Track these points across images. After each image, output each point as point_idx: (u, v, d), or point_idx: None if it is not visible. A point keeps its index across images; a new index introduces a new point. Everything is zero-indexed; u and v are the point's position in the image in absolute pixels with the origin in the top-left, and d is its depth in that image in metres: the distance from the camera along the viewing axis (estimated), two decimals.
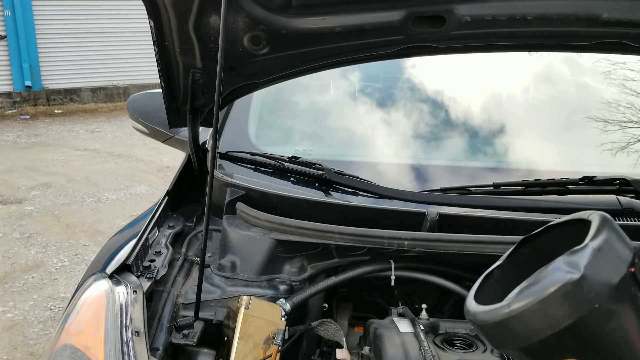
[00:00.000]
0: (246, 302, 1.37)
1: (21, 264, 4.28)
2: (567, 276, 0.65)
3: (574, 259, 0.66)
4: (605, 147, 1.99)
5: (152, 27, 1.35)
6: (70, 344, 1.20)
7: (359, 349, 1.47)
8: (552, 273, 0.67)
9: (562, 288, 0.65)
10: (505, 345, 0.73)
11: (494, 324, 0.71)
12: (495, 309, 0.70)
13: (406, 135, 2.07)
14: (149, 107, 2.47)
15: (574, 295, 0.65)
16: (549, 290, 0.66)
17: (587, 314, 0.66)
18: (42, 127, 8.86)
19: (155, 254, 1.57)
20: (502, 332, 0.71)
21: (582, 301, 0.66)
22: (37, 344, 3.32)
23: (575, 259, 0.66)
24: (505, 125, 2.07)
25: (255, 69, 1.46)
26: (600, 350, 0.70)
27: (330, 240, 1.52)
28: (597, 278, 0.66)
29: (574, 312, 0.66)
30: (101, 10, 10.37)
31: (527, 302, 0.67)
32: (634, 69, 2.25)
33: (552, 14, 1.29)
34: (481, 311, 0.73)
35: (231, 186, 1.73)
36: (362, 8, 1.29)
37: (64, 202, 5.57)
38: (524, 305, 0.67)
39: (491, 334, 0.73)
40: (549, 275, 0.67)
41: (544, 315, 0.66)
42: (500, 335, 0.72)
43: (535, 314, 0.67)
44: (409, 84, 2.26)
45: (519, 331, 0.69)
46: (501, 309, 0.70)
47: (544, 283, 0.66)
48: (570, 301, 0.65)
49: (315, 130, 2.19)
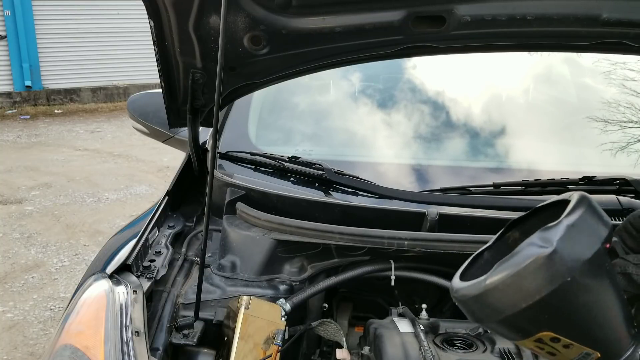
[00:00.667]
0: (246, 302, 1.37)
1: (21, 264, 4.28)
2: (540, 250, 0.68)
3: (548, 235, 0.69)
4: (605, 147, 1.99)
5: (152, 27, 1.35)
6: (70, 344, 1.20)
7: (359, 349, 1.47)
8: (526, 247, 0.70)
9: (534, 261, 0.68)
10: (483, 319, 0.76)
11: (472, 298, 0.74)
12: (474, 283, 0.74)
13: (406, 135, 2.07)
14: (149, 107, 2.47)
15: (546, 269, 0.68)
16: (522, 264, 0.68)
17: (559, 287, 0.68)
18: (42, 127, 8.86)
19: (155, 254, 1.57)
20: (480, 306, 0.74)
21: (553, 274, 0.68)
22: (37, 344, 3.32)
23: (548, 235, 0.69)
24: (505, 126, 2.07)
25: (255, 69, 1.46)
26: (575, 323, 0.72)
27: (330, 240, 1.52)
28: (569, 252, 0.68)
29: (546, 285, 0.68)
30: (101, 10, 10.37)
31: (502, 276, 0.70)
32: (634, 69, 2.25)
33: (552, 14, 1.29)
34: (462, 287, 0.76)
35: (231, 186, 1.73)
36: (362, 8, 1.29)
37: (64, 202, 5.57)
38: (499, 278, 0.70)
39: (470, 308, 0.76)
40: (523, 249, 0.70)
41: (518, 288, 0.69)
42: (478, 309, 0.75)
43: (510, 287, 0.70)
44: (409, 84, 2.26)
45: (495, 304, 0.72)
46: (479, 284, 0.73)
47: (518, 257, 0.69)
48: (542, 274, 0.68)
49: (315, 130, 2.19)
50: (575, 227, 0.70)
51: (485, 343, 1.35)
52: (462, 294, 0.76)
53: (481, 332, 1.38)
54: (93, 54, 10.46)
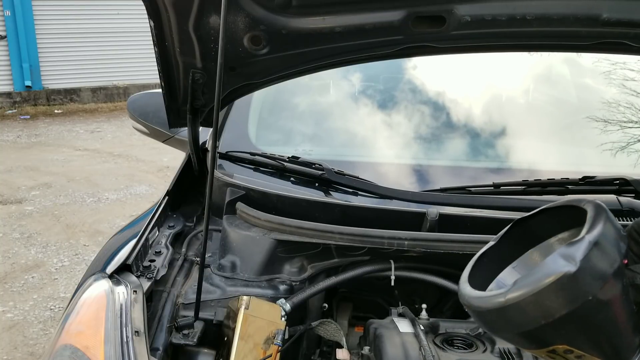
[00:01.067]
0: (246, 302, 1.37)
1: (21, 264, 4.28)
2: (564, 269, 0.66)
3: (571, 252, 0.67)
4: (605, 147, 1.99)
5: (152, 27, 1.35)
6: (70, 344, 1.20)
7: (359, 349, 1.47)
8: (549, 265, 0.68)
9: (558, 281, 0.66)
10: (499, 330, 0.75)
11: (489, 311, 0.72)
12: (491, 296, 0.72)
13: (406, 135, 2.07)
14: (149, 107, 2.47)
15: (569, 288, 0.66)
16: (545, 282, 0.67)
17: (581, 306, 0.67)
18: (42, 127, 8.86)
19: (155, 254, 1.57)
20: (496, 319, 0.72)
21: (577, 294, 0.67)
22: (37, 344, 3.32)
23: (572, 252, 0.67)
24: (505, 126, 2.07)
25: (255, 69, 1.46)
26: (591, 337, 0.72)
27: (330, 240, 1.52)
28: (592, 271, 0.67)
29: (568, 304, 0.67)
30: (101, 10, 10.37)
31: (523, 293, 0.68)
32: (634, 69, 2.25)
33: (552, 14, 1.29)
34: (476, 297, 0.74)
35: (231, 186, 1.73)
36: (362, 8, 1.29)
37: (64, 202, 5.57)
38: (519, 295, 0.68)
39: (485, 319, 0.75)
40: (546, 267, 0.68)
41: (539, 306, 0.68)
42: (494, 321, 0.73)
43: (530, 304, 0.68)
44: (409, 85, 2.26)
45: (514, 319, 0.70)
46: (497, 297, 0.71)
47: (541, 275, 0.67)
48: (565, 293, 0.66)
49: (315, 130, 2.19)
50: (597, 244, 0.68)
51: (485, 343, 1.35)
52: (478, 305, 0.74)
53: (481, 332, 1.38)
54: (93, 54, 10.46)
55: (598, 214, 0.71)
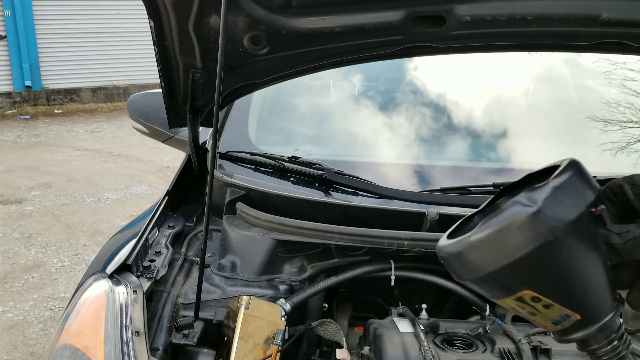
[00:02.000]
0: (246, 302, 1.37)
1: (21, 264, 4.28)
2: (524, 209, 0.69)
3: (533, 194, 0.70)
4: (605, 147, 1.99)
5: (152, 27, 1.35)
6: (70, 344, 1.20)
7: (359, 349, 1.47)
8: (511, 206, 0.70)
9: (518, 219, 0.69)
10: (464, 275, 0.76)
11: (455, 254, 0.75)
12: (457, 240, 0.74)
13: (406, 135, 2.07)
14: (149, 107, 2.47)
15: (529, 227, 0.69)
16: (505, 221, 0.69)
17: (542, 246, 0.69)
18: (42, 127, 8.86)
19: (155, 254, 1.57)
20: (462, 263, 0.75)
21: (536, 233, 0.69)
22: (37, 344, 3.32)
23: (534, 194, 0.70)
24: (505, 126, 2.07)
25: (255, 69, 1.46)
26: (556, 283, 0.73)
27: (330, 240, 1.52)
28: (553, 212, 0.69)
29: (529, 243, 0.69)
30: (101, 10, 10.37)
31: (485, 233, 0.71)
32: (634, 69, 2.25)
33: (552, 14, 1.29)
34: (446, 244, 0.77)
35: (231, 186, 1.73)
36: (362, 8, 1.29)
37: (64, 202, 5.57)
38: (482, 235, 0.71)
39: (453, 265, 0.77)
40: (508, 207, 0.70)
41: (501, 245, 0.70)
42: (460, 266, 0.76)
43: (492, 244, 0.71)
44: (409, 85, 2.26)
45: (477, 261, 0.73)
46: (462, 241, 0.74)
47: (502, 215, 0.70)
48: (525, 232, 0.69)
49: (315, 130, 2.19)
50: (561, 188, 0.70)
51: (485, 343, 1.35)
52: (446, 251, 0.77)
53: (481, 332, 1.38)
54: (93, 54, 10.46)
55: (569, 165, 0.73)
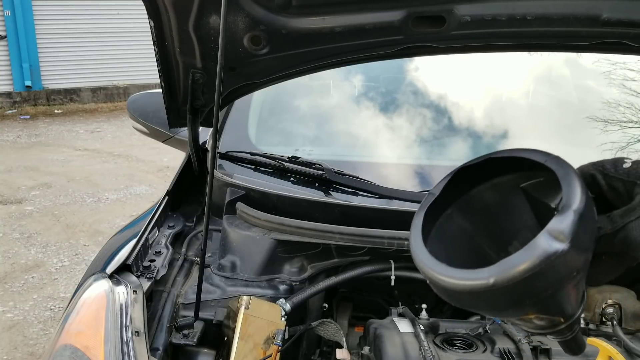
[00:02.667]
0: (246, 302, 1.37)
1: (21, 264, 4.28)
2: (554, 248, 0.62)
3: (560, 228, 0.62)
4: (605, 147, 1.99)
5: (152, 27, 1.35)
6: (70, 344, 1.20)
7: (359, 349, 1.47)
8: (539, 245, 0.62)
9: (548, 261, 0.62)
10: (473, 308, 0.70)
11: (465, 292, 0.66)
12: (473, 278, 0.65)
13: (406, 135, 2.07)
14: (149, 107, 2.47)
15: (559, 267, 0.63)
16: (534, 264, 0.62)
17: (565, 282, 0.64)
18: (42, 127, 8.86)
19: (155, 254, 1.57)
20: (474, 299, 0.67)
21: (565, 271, 0.63)
22: (37, 344, 3.32)
23: (560, 228, 0.62)
24: (505, 126, 2.07)
25: (255, 69, 1.46)
26: (562, 304, 0.69)
27: (330, 240, 1.52)
28: (579, 245, 0.63)
29: (557, 283, 0.64)
30: (101, 10, 10.37)
31: (511, 276, 0.63)
32: (634, 69, 2.25)
33: (552, 14, 1.29)
34: (452, 277, 0.67)
35: (231, 186, 1.73)
36: (362, 8, 1.29)
37: (64, 202, 5.57)
38: (508, 279, 0.63)
39: (459, 299, 0.69)
40: (536, 247, 0.62)
41: (527, 288, 0.63)
42: (469, 301, 0.68)
43: (519, 287, 0.63)
44: (409, 85, 2.26)
45: (495, 300, 0.66)
46: (480, 280, 0.64)
47: (530, 256, 0.62)
48: (554, 272, 0.63)
49: (315, 130, 2.19)
50: (583, 216, 0.63)
51: (485, 343, 1.35)
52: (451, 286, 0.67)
53: (481, 332, 1.38)
54: (93, 54, 10.46)
55: (571, 175, 0.66)
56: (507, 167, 0.77)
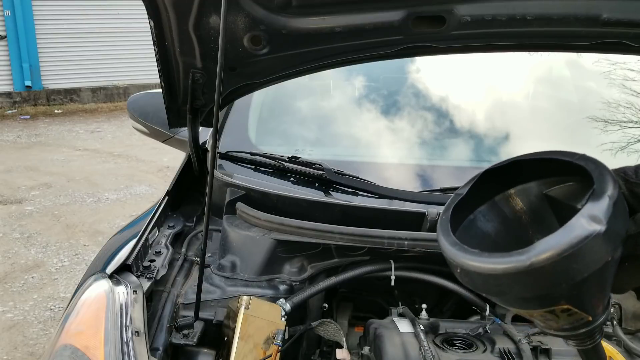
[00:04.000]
0: (246, 302, 1.37)
1: (21, 264, 4.28)
2: (592, 228, 0.62)
3: (596, 212, 0.63)
4: (605, 147, 1.99)
5: (152, 27, 1.35)
6: (70, 344, 1.20)
7: (359, 349, 1.47)
8: (576, 227, 0.62)
9: (588, 242, 0.62)
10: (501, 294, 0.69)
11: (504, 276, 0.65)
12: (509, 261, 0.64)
13: (406, 135, 2.07)
14: (149, 107, 2.47)
15: (596, 249, 0.62)
16: (574, 244, 0.62)
17: (602, 266, 0.64)
18: (42, 127, 8.86)
19: (155, 254, 1.57)
20: (506, 283, 0.66)
21: (601, 255, 0.63)
22: (37, 344, 3.32)
23: (596, 212, 0.63)
24: (505, 126, 2.07)
25: (255, 69, 1.46)
26: (593, 296, 0.69)
27: (330, 240, 1.52)
28: (615, 230, 0.63)
29: (593, 265, 0.63)
30: (101, 10, 10.37)
31: (550, 256, 0.62)
32: (634, 69, 2.25)
33: (552, 14, 1.29)
34: (487, 263, 0.67)
35: (231, 186, 1.73)
36: (362, 8, 1.29)
37: (64, 202, 5.57)
38: (547, 258, 0.62)
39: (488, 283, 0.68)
40: (573, 229, 0.62)
41: (565, 269, 0.63)
42: (500, 285, 0.67)
43: (557, 267, 0.63)
44: (409, 85, 2.26)
45: (531, 283, 0.65)
46: (517, 262, 0.64)
47: (569, 237, 0.62)
48: (592, 255, 0.62)
49: (316, 130, 2.19)
50: (617, 202, 0.64)
51: (485, 343, 1.35)
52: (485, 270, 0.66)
53: (481, 332, 1.38)
54: (93, 54, 10.46)
55: (600, 168, 0.67)
56: (532, 171, 0.77)
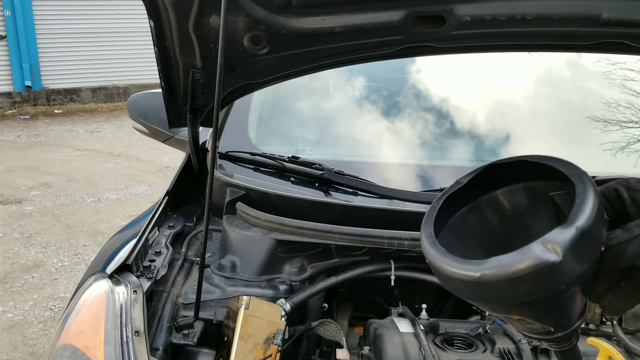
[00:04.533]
0: (246, 302, 1.37)
1: (21, 264, 4.28)
2: (547, 258, 0.63)
3: (557, 240, 0.63)
4: (605, 147, 1.99)
5: (152, 27, 1.35)
6: (70, 344, 1.20)
7: (359, 349, 1.47)
8: (531, 251, 0.64)
9: (537, 269, 0.63)
10: (459, 294, 0.72)
11: (456, 279, 0.70)
12: (462, 268, 0.69)
13: (406, 135, 2.07)
14: (149, 107, 2.47)
15: (546, 277, 0.64)
16: (522, 267, 0.64)
17: (551, 294, 0.66)
18: (42, 127, 8.86)
19: (155, 254, 1.57)
20: (462, 287, 0.70)
21: (552, 283, 0.65)
22: (37, 344, 3.32)
23: (558, 240, 0.63)
24: (505, 126, 2.07)
25: (255, 69, 1.46)
26: (549, 314, 0.71)
27: (330, 240, 1.52)
28: (573, 262, 0.64)
29: (540, 291, 0.65)
30: (101, 10, 10.37)
31: (497, 274, 0.65)
32: (634, 69, 2.25)
33: (552, 14, 1.29)
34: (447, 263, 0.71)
35: (231, 186, 1.73)
36: (362, 8, 1.29)
37: (64, 202, 5.57)
38: (493, 275, 0.65)
39: (447, 283, 0.72)
40: (527, 252, 0.64)
41: (510, 288, 0.66)
42: (457, 287, 0.71)
43: (502, 285, 0.66)
44: (409, 85, 2.26)
45: (480, 292, 0.69)
46: (469, 272, 0.68)
47: (520, 258, 0.64)
48: (540, 282, 0.64)
49: (316, 130, 2.19)
50: (585, 234, 0.64)
51: (485, 343, 1.35)
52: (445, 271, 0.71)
53: (481, 332, 1.38)
54: (93, 54, 10.46)
55: (587, 191, 0.67)
56: (536, 172, 0.78)
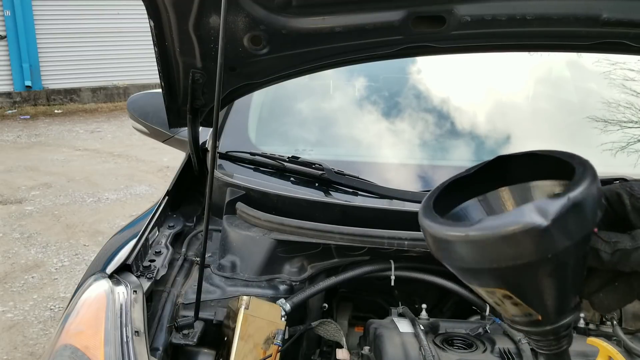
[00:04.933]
0: (246, 302, 1.37)
1: (21, 264, 4.28)
2: (533, 220, 0.63)
3: (547, 206, 0.63)
4: (605, 147, 1.99)
5: (152, 27, 1.35)
6: (70, 344, 1.20)
7: (359, 349, 1.47)
8: (520, 213, 0.64)
9: (523, 231, 0.63)
10: (445, 260, 0.72)
11: (444, 240, 0.69)
12: (451, 228, 0.68)
13: (406, 135, 2.07)
14: (149, 107, 2.47)
15: (531, 241, 0.63)
16: (509, 229, 0.63)
17: (536, 261, 0.65)
18: (42, 127, 8.86)
19: (155, 254, 1.57)
20: (449, 249, 0.70)
21: (537, 249, 0.64)
22: (37, 344, 3.32)
23: (547, 206, 0.63)
24: (505, 126, 2.07)
25: (255, 69, 1.46)
26: (534, 290, 0.70)
27: (330, 240, 1.52)
28: (561, 231, 0.64)
29: (526, 256, 0.64)
30: (101, 10, 10.38)
31: (484, 233, 0.65)
32: (634, 69, 2.25)
33: (552, 14, 1.29)
34: (436, 224, 0.71)
35: (231, 186, 1.73)
36: (362, 8, 1.29)
37: (64, 202, 5.57)
38: (480, 235, 0.65)
39: (437, 246, 0.72)
40: (516, 214, 0.64)
41: (496, 250, 0.65)
42: (445, 250, 0.71)
43: (488, 246, 0.65)
44: (409, 85, 2.26)
45: (465, 255, 0.68)
46: (458, 230, 0.67)
47: (509, 220, 0.64)
48: (525, 246, 0.64)
49: (316, 130, 2.19)
50: (576, 205, 0.64)
51: (485, 343, 1.35)
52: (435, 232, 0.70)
53: (481, 332, 1.38)
54: (93, 54, 10.47)
55: (585, 173, 0.68)
56: (544, 170, 0.78)
